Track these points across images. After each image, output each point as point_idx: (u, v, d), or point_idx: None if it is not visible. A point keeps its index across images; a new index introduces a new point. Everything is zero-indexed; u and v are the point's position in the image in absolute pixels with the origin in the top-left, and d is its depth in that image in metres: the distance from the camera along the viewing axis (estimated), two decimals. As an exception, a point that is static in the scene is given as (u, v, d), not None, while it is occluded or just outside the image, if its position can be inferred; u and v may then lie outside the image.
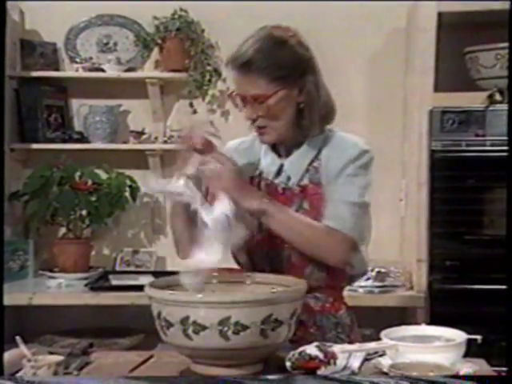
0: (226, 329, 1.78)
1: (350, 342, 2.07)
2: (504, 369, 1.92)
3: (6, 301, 3.38)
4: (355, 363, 1.91)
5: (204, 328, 1.78)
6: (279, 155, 2.29)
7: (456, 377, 1.71)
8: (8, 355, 1.95)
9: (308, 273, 2.19)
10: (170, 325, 1.84)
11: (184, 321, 1.80)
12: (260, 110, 2.16)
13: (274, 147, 2.29)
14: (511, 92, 3.24)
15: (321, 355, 1.85)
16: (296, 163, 2.25)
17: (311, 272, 2.20)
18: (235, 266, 2.32)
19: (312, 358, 1.85)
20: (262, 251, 2.24)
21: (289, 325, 1.87)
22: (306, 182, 2.24)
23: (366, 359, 1.94)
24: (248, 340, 1.80)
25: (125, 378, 1.70)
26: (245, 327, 1.78)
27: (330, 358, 1.85)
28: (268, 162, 2.30)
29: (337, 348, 1.88)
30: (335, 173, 2.18)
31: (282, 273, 2.15)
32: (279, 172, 2.27)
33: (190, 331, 1.80)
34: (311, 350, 1.86)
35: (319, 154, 2.24)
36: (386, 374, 1.79)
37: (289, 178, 2.25)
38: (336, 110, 2.26)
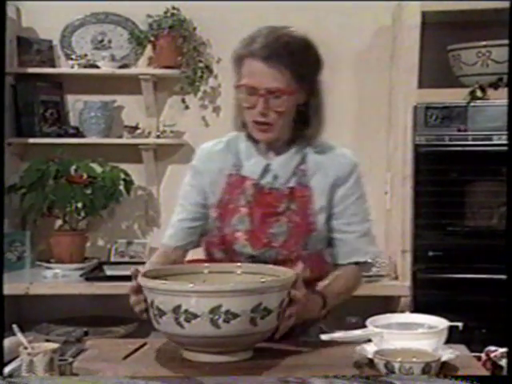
0: (216, 317, 1.81)
1: None
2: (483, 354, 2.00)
3: (4, 290, 3.48)
4: None
5: (195, 316, 1.81)
6: (264, 156, 2.23)
7: (457, 377, 1.72)
8: (5, 343, 1.96)
9: None
10: (162, 313, 1.87)
11: (176, 309, 1.83)
12: (274, 104, 2.10)
13: (258, 147, 2.23)
14: (511, 88, 3.22)
15: None
16: (284, 164, 2.21)
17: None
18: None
19: None
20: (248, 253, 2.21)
21: (278, 313, 1.91)
22: (292, 183, 2.20)
23: None
24: (238, 328, 1.83)
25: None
26: (235, 315, 1.81)
27: None
28: (251, 162, 2.22)
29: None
30: (336, 189, 2.21)
31: None
32: (265, 172, 2.21)
33: (181, 320, 1.83)
34: None
35: (306, 157, 2.22)
36: (371, 360, 1.83)
37: (275, 179, 2.21)
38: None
